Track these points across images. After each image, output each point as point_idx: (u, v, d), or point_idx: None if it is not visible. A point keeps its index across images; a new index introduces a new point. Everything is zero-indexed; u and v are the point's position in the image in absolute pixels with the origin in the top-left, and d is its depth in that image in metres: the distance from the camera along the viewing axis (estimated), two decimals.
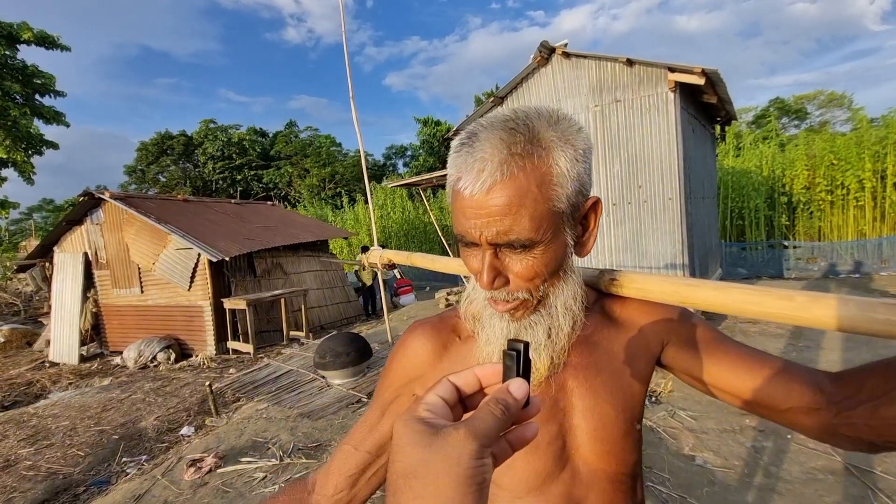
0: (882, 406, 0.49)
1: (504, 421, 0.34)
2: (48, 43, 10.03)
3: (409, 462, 0.32)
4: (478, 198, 0.51)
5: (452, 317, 0.72)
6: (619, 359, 0.66)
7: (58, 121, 10.75)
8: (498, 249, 0.54)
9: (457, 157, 0.54)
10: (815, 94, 28.05)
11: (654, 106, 5.13)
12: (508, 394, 0.35)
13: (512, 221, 0.51)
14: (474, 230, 0.53)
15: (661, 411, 3.73)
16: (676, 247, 5.23)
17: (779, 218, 11.68)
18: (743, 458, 3.00)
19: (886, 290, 7.76)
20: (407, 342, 0.71)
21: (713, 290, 0.57)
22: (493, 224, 0.52)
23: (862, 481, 2.64)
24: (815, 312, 0.48)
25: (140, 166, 32.75)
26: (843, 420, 0.53)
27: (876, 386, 0.51)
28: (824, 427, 0.56)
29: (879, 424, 0.50)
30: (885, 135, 10.68)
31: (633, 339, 0.68)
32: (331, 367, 4.98)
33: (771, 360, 0.62)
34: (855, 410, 0.52)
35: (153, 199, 9.14)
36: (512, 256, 0.55)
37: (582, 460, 0.64)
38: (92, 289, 8.84)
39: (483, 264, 0.55)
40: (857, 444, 0.54)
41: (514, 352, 0.38)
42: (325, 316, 9.50)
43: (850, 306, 0.45)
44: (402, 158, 34.52)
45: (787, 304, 0.50)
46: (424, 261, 1.09)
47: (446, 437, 0.32)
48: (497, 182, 0.50)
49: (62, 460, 4.06)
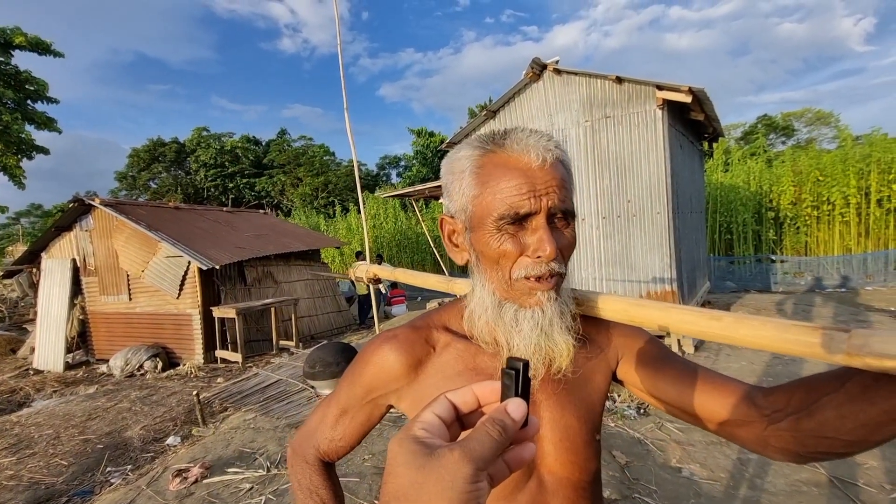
0: (803, 419, 0.53)
1: (501, 442, 0.33)
2: (41, 49, 10.02)
3: (400, 483, 0.31)
4: (547, 168, 0.60)
5: (424, 327, 0.73)
6: (580, 373, 0.69)
7: (49, 126, 10.69)
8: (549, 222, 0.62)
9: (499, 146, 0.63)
10: (803, 112, 28.67)
11: (643, 122, 5.24)
12: (506, 414, 0.34)
13: (566, 192, 0.62)
14: (535, 200, 0.59)
15: (649, 423, 3.75)
16: (665, 260, 5.30)
17: (766, 232, 11.87)
18: (729, 470, 3.03)
19: (871, 305, 7.89)
20: (378, 355, 0.71)
21: (657, 309, 0.62)
22: (557, 192, 0.60)
23: (845, 493, 2.68)
24: (741, 332, 0.53)
25: (131, 173, 32.53)
26: (772, 432, 0.56)
27: (800, 400, 0.54)
28: (756, 438, 0.58)
29: (801, 437, 0.53)
30: (869, 153, 10.93)
31: (593, 355, 0.72)
32: (320, 376, 4.96)
33: (711, 377, 0.65)
34: (781, 423, 0.55)
35: (144, 205, 9.09)
36: (559, 231, 0.63)
37: (547, 469, 0.67)
38: (79, 295, 8.74)
39: (544, 233, 0.60)
40: (785, 454, 0.57)
41: (512, 370, 0.36)
42: (315, 325, 9.45)
43: (768, 327, 0.50)
44: (396, 169, 34.65)
45: (717, 323, 0.55)
46: (406, 276, 1.13)
47: (440, 458, 0.31)
48: (557, 159, 0.62)
49: (45, 470, 3.99)
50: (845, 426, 0.48)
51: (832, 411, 0.49)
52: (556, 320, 0.63)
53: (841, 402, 0.48)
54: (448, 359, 0.69)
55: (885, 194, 10.56)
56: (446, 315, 0.75)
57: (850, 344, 0.43)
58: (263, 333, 8.18)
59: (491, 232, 0.61)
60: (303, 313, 9.02)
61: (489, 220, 0.61)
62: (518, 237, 0.61)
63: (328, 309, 9.96)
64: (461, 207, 0.65)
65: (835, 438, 0.50)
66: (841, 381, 0.49)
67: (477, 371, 0.67)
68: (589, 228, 5.77)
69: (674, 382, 0.66)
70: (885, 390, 0.44)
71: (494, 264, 0.63)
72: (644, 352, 0.72)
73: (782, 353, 0.49)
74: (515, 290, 0.63)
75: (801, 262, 10.69)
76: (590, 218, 5.75)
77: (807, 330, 0.47)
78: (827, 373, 0.52)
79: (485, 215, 0.62)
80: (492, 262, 0.63)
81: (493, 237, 0.62)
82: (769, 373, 4.79)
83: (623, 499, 2.78)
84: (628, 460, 3.21)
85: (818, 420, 0.51)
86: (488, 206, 0.61)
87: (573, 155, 5.75)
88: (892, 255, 9.57)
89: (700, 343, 5.72)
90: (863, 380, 0.46)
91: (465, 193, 0.64)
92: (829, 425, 0.50)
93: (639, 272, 5.48)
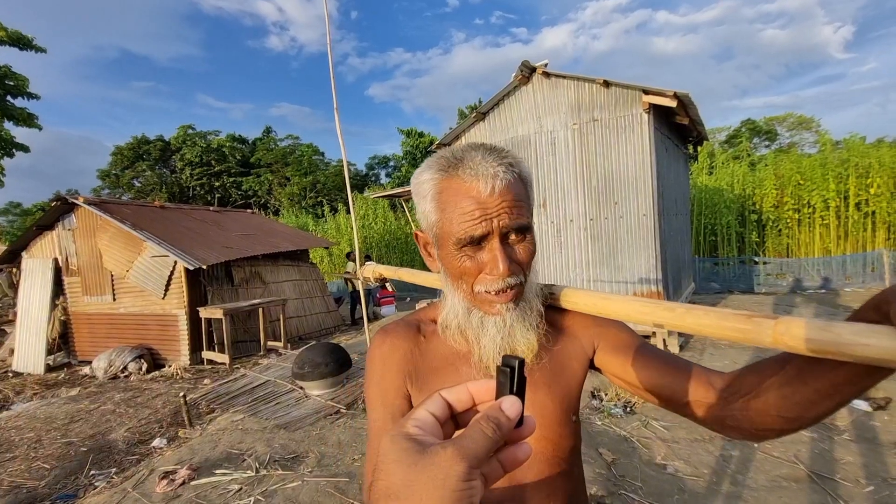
0: (751, 400, 0.58)
1: (495, 440, 0.32)
2: (22, 44, 9.82)
3: (392, 481, 0.31)
4: (498, 193, 0.66)
5: (414, 321, 0.84)
6: (557, 360, 0.78)
7: (29, 123, 10.49)
8: (503, 241, 0.67)
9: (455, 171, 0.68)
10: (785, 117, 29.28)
11: (630, 126, 5.33)
12: (501, 412, 0.34)
13: (520, 209, 0.67)
14: (486, 223, 0.66)
15: (635, 421, 3.81)
16: (650, 261, 5.39)
17: (749, 235, 12.10)
18: (712, 466, 3.09)
19: (850, 306, 8.09)
20: (381, 349, 0.80)
21: (621, 302, 0.68)
22: (508, 212, 0.66)
23: (823, 488, 2.76)
24: (687, 320, 0.59)
25: (115, 171, 31.97)
26: (727, 412, 0.62)
27: (749, 383, 0.59)
28: (714, 418, 0.64)
29: (751, 415, 0.59)
30: (847, 157, 11.23)
31: (570, 344, 0.80)
32: (309, 377, 4.94)
33: (676, 362, 0.71)
34: (735, 404, 0.61)
35: (129, 204, 8.94)
36: (515, 246, 0.69)
37: None
38: (61, 296, 8.56)
39: (498, 253, 0.66)
40: (739, 432, 0.62)
41: (508, 368, 0.36)
42: (304, 326, 9.39)
43: (710, 316, 0.56)
44: (385, 169, 34.58)
45: (669, 314, 0.61)
46: (408, 275, 1.17)
47: (433, 456, 0.30)
48: (511, 180, 0.67)
49: (26, 473, 3.91)
50: (785, 405, 0.54)
51: (774, 392, 0.55)
52: (517, 324, 0.71)
53: (781, 383, 0.55)
54: (437, 344, 0.79)
55: (862, 198, 10.85)
56: (433, 311, 0.85)
57: (776, 330, 0.50)
58: (251, 334, 8.11)
59: (452, 253, 0.69)
60: (291, 314, 8.96)
61: (449, 242, 0.69)
62: (476, 257, 0.68)
63: (317, 309, 9.91)
64: (428, 227, 0.74)
65: (777, 416, 0.56)
66: (781, 365, 0.55)
67: (460, 356, 0.76)
68: (576, 230, 5.84)
69: (643, 367, 0.72)
70: (815, 371, 0.50)
71: (458, 279, 0.72)
72: (618, 340, 0.78)
73: (724, 338, 0.56)
74: (478, 300, 0.71)
75: (783, 264, 10.92)
76: (577, 219, 5.82)
77: (742, 318, 0.53)
78: (771, 358, 0.58)
79: (446, 238, 0.69)
80: (456, 277, 0.72)
81: (454, 257, 0.69)
82: None
83: (609, 495, 2.82)
84: (614, 457, 3.26)
85: (763, 400, 0.57)
86: (448, 231, 0.68)
87: (561, 157, 5.82)
88: (870, 257, 9.82)
89: (685, 342, 5.82)
90: (798, 363, 0.52)
91: (428, 217, 0.71)
92: (772, 405, 0.56)
93: (625, 273, 5.56)
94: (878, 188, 10.47)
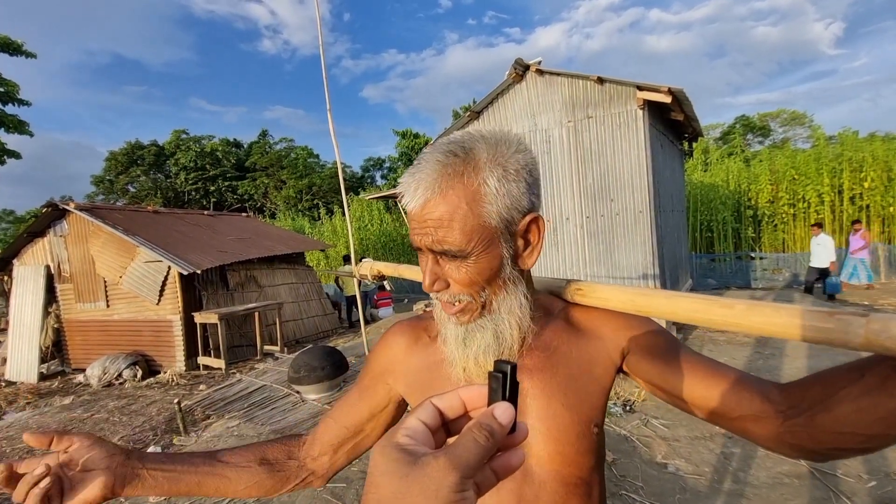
0: (819, 414, 0.51)
1: (488, 448, 0.31)
2: (12, 49, 9.73)
3: (382, 494, 0.30)
4: (416, 212, 0.61)
5: (427, 318, 0.82)
6: (576, 363, 0.69)
7: (21, 130, 10.40)
8: (439, 257, 0.63)
9: (404, 176, 0.63)
10: (778, 113, 29.47)
11: (625, 123, 5.30)
12: (493, 419, 0.33)
13: (445, 233, 0.60)
14: (417, 238, 0.63)
15: (635, 420, 3.79)
16: (647, 258, 5.37)
17: (745, 230, 12.12)
18: (713, 464, 3.07)
19: (845, 300, 8.11)
20: (387, 337, 0.82)
21: (664, 298, 0.61)
22: (429, 234, 0.60)
23: (825, 484, 2.74)
24: (753, 319, 0.51)
25: (108, 176, 31.84)
26: (787, 428, 0.55)
27: (816, 395, 0.52)
28: (771, 435, 0.57)
29: (818, 433, 0.52)
30: (841, 152, 11.26)
31: (593, 346, 0.71)
32: (305, 381, 4.89)
33: (724, 371, 0.63)
34: (797, 419, 0.53)
35: (121, 210, 8.86)
36: (451, 264, 0.63)
37: (535, 460, 0.65)
38: (54, 303, 8.47)
39: (425, 268, 0.64)
40: (801, 451, 0.55)
41: (500, 374, 0.35)
42: (300, 330, 9.33)
43: (781, 314, 0.49)
44: (380, 171, 34.54)
45: (729, 311, 0.53)
46: (410, 272, 1.13)
47: (425, 466, 0.30)
48: (430, 199, 0.59)
49: None
50: (863, 420, 0.47)
51: (850, 405, 0.48)
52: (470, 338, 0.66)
53: (858, 394, 0.47)
54: (436, 345, 0.73)
55: (856, 192, 10.88)
56: None
57: (869, 328, 0.42)
58: (247, 339, 8.04)
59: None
60: (287, 317, 8.90)
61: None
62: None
63: (313, 313, 9.85)
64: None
65: (852, 434, 0.48)
66: (859, 374, 0.48)
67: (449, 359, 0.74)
68: (573, 227, 5.81)
69: (686, 376, 0.65)
70: None
71: None
72: (652, 344, 0.70)
73: (796, 340, 0.48)
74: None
75: (779, 259, 10.94)
76: (573, 217, 5.80)
77: (822, 315, 0.46)
78: (843, 365, 0.50)
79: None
80: None
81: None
82: (749, 368, 4.88)
83: (611, 496, 2.79)
84: (615, 457, 3.23)
85: (835, 415, 0.49)
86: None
87: (557, 155, 5.79)
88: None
89: (684, 339, 5.80)
90: (881, 370, 0.45)
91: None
92: (846, 420, 0.48)
93: (622, 270, 5.54)
94: (872, 182, 10.50)
